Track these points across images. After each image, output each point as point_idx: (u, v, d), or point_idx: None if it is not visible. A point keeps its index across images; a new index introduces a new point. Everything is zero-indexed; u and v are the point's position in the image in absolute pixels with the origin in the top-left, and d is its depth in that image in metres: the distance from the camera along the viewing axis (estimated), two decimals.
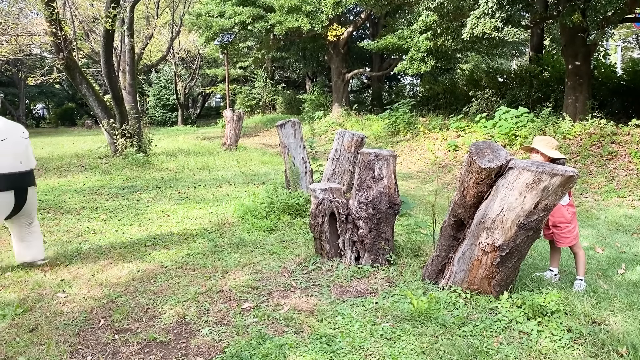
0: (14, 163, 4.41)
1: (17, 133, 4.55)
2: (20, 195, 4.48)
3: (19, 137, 4.54)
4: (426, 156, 13.00)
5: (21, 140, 4.55)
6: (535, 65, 16.62)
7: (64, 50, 11.59)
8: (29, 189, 4.59)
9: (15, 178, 4.41)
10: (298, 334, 3.33)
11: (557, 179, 3.19)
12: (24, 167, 4.50)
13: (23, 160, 4.51)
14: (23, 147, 4.55)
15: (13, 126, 4.58)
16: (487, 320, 3.39)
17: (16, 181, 4.43)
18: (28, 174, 4.56)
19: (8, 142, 4.38)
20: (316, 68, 28.82)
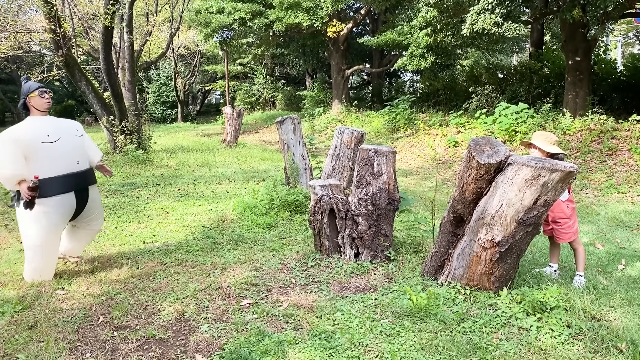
0: (71, 163, 4.22)
1: (71, 131, 4.36)
2: (80, 196, 4.31)
3: (73, 136, 4.35)
4: (426, 152, 12.99)
5: (76, 139, 4.36)
6: (536, 61, 16.58)
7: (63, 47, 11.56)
8: (90, 188, 4.43)
9: (73, 179, 4.22)
10: (297, 331, 3.32)
11: (556, 174, 3.18)
12: (81, 166, 4.31)
13: (80, 159, 4.32)
14: (78, 145, 4.37)
15: (66, 125, 4.40)
16: (486, 316, 3.39)
17: (75, 182, 4.24)
18: (86, 172, 4.39)
19: (62, 142, 4.19)
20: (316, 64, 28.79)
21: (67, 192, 4.18)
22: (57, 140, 4.16)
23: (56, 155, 4.13)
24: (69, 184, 4.19)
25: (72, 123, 4.50)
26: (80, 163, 4.31)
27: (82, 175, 4.31)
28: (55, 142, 4.14)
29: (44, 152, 4.07)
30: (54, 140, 4.14)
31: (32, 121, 4.19)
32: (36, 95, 4.20)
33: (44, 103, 4.23)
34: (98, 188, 4.65)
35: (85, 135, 4.60)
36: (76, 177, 4.25)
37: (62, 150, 4.17)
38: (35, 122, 4.19)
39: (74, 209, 4.28)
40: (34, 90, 4.20)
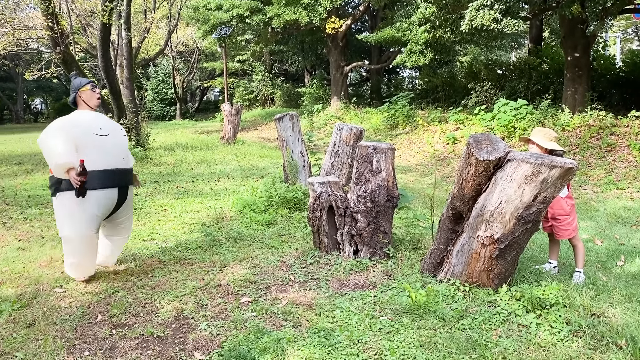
0: (118, 159, 4.17)
1: (118, 129, 4.34)
2: (122, 193, 4.23)
3: (120, 134, 4.32)
4: (425, 149, 12.98)
5: (122, 137, 4.33)
6: (534, 57, 16.57)
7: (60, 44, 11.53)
8: (130, 188, 4.38)
9: (118, 175, 4.16)
10: (296, 328, 3.31)
11: (556, 171, 3.17)
12: (126, 164, 4.26)
13: (125, 157, 4.27)
14: (124, 144, 4.34)
15: (113, 123, 4.39)
16: (485, 313, 3.38)
17: (119, 178, 4.18)
18: (129, 171, 4.33)
19: (112, 138, 4.15)
20: (315, 61, 28.76)
21: (111, 188, 4.10)
22: (109, 135, 4.13)
23: (106, 149, 4.08)
24: (114, 179, 4.12)
25: (116, 123, 4.47)
26: (125, 160, 4.25)
27: (125, 173, 4.25)
28: (107, 136, 4.11)
29: (95, 143, 4.01)
30: (106, 134, 4.10)
31: (83, 114, 4.15)
32: (88, 90, 4.16)
33: (95, 98, 4.20)
34: None
35: (127, 139, 4.56)
36: (121, 174, 4.19)
37: (111, 145, 4.13)
38: (86, 115, 4.15)
39: (113, 205, 4.20)
40: (85, 84, 4.16)
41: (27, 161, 12.03)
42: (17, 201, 7.45)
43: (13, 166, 11.03)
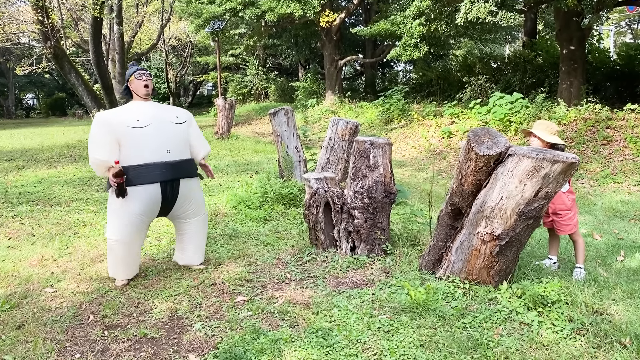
0: (160, 152, 3.87)
1: (167, 118, 4.01)
2: (166, 189, 3.93)
3: (168, 122, 3.99)
4: (420, 143, 12.91)
5: (171, 126, 3.99)
6: (529, 50, 16.53)
7: (51, 38, 11.40)
8: (183, 182, 4.02)
9: (160, 168, 3.87)
10: (293, 328, 3.24)
11: (558, 165, 3.10)
12: (173, 156, 3.92)
13: (172, 148, 3.94)
14: (174, 133, 3.99)
15: (165, 111, 4.08)
16: (486, 311, 3.31)
17: (162, 172, 3.88)
18: (180, 163, 3.98)
19: (152, 129, 3.87)
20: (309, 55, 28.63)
21: (150, 183, 3.85)
22: (147, 126, 3.86)
23: (143, 141, 3.84)
24: (153, 174, 3.85)
25: (173, 110, 4.17)
26: (172, 152, 3.93)
27: (172, 166, 3.92)
28: (144, 128, 3.85)
29: (131, 137, 3.81)
30: (143, 125, 3.85)
31: (128, 105, 4.00)
32: (133, 79, 3.97)
33: (142, 86, 3.96)
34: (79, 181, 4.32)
35: (193, 126, 4.25)
36: (164, 167, 3.88)
37: (150, 137, 3.86)
38: (131, 106, 3.97)
39: (159, 202, 3.93)
40: (132, 73, 3.98)
41: (19, 157, 11.87)
42: (7, 198, 7.33)
43: (4, 162, 10.88)
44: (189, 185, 4.10)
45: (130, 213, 3.86)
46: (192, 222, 4.25)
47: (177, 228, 4.33)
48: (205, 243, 4.44)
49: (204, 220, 4.35)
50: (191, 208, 4.18)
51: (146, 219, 3.98)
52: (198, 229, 4.30)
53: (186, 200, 4.10)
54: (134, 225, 3.90)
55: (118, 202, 3.87)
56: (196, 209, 4.22)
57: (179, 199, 4.04)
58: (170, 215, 4.17)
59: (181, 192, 4.03)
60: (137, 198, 3.85)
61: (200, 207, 4.28)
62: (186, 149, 4.11)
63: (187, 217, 4.21)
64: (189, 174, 4.08)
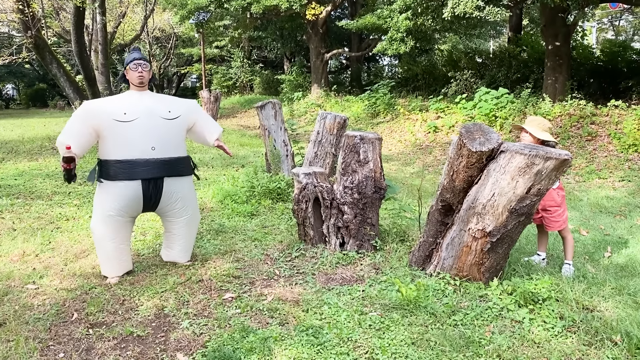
0: (143, 148, 3.72)
1: (158, 112, 3.81)
2: (148, 187, 3.79)
3: (158, 117, 3.80)
4: (406, 138, 12.91)
5: (160, 122, 3.80)
6: (514, 45, 16.60)
7: (32, 28, 11.15)
8: (168, 180, 3.87)
9: (142, 166, 3.72)
10: (283, 326, 3.19)
11: (550, 162, 3.08)
12: (157, 153, 3.77)
13: (158, 144, 3.77)
14: (162, 129, 3.81)
15: (158, 103, 3.88)
16: (477, 308, 3.29)
17: (143, 170, 3.73)
18: (166, 162, 3.82)
19: (138, 123, 3.70)
20: (294, 48, 28.43)
21: (131, 180, 3.73)
22: (133, 120, 3.71)
23: (127, 136, 3.70)
24: (134, 171, 3.72)
25: (168, 103, 3.96)
26: (157, 149, 3.77)
27: (156, 164, 3.77)
28: (130, 122, 3.70)
29: (114, 130, 3.68)
30: (130, 119, 3.70)
31: (122, 95, 3.88)
32: (129, 69, 3.84)
33: (135, 77, 3.82)
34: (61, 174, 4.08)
35: (197, 114, 4.10)
36: (146, 165, 3.74)
37: (135, 132, 3.71)
38: (124, 97, 3.86)
39: (140, 200, 3.81)
40: (128, 63, 3.83)
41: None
42: None
43: None
44: (176, 184, 3.97)
45: (111, 208, 3.78)
46: (179, 221, 4.12)
47: (164, 225, 4.25)
48: (193, 242, 4.35)
49: (193, 219, 4.22)
50: (178, 207, 4.05)
51: (128, 215, 3.89)
52: (186, 229, 4.18)
53: (172, 199, 3.98)
54: (115, 220, 3.82)
55: (101, 195, 3.81)
56: (184, 208, 4.09)
57: (164, 197, 3.92)
58: (157, 211, 4.08)
59: (166, 191, 3.91)
60: (118, 194, 3.77)
61: (189, 207, 4.14)
62: (176, 146, 3.95)
63: (173, 216, 4.10)
64: (176, 173, 3.94)
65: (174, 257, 4.27)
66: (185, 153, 4.08)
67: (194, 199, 4.22)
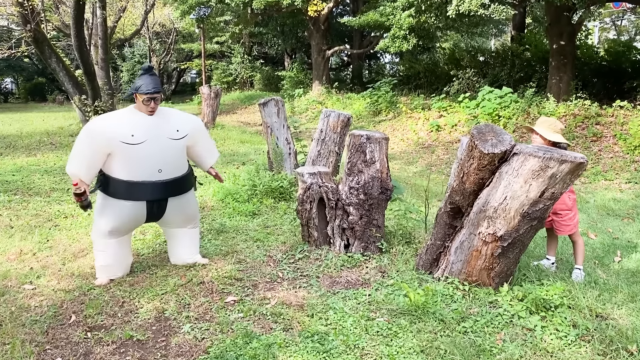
0: (150, 171, 3.63)
1: (166, 132, 3.68)
2: (152, 207, 3.75)
3: (166, 138, 3.67)
4: (409, 136, 12.80)
5: (167, 143, 3.68)
6: (518, 44, 16.47)
7: (31, 21, 11.01)
8: (172, 200, 3.82)
9: (148, 188, 3.66)
10: (287, 332, 3.09)
11: (565, 165, 2.98)
12: (164, 175, 3.69)
13: (165, 167, 3.68)
14: (168, 150, 3.69)
15: (165, 122, 3.72)
16: (487, 314, 3.20)
17: (149, 192, 3.68)
18: (171, 183, 3.75)
19: (146, 146, 3.59)
20: (295, 44, 28.25)
21: (136, 200, 3.68)
22: (141, 143, 3.57)
23: (135, 160, 3.60)
24: (141, 193, 3.66)
25: (176, 121, 3.79)
26: (164, 171, 3.69)
27: (162, 185, 3.71)
28: (138, 145, 3.57)
29: (122, 153, 3.57)
30: (138, 142, 3.57)
31: (128, 114, 3.69)
32: (140, 101, 3.63)
33: (146, 110, 3.65)
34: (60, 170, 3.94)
35: (200, 135, 4.00)
36: (153, 187, 3.67)
37: (143, 155, 3.60)
38: (130, 115, 3.67)
39: (143, 218, 3.80)
40: (142, 92, 3.59)
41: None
42: None
43: None
44: (180, 202, 3.93)
45: (113, 224, 3.75)
46: (179, 230, 4.09)
47: (165, 232, 4.20)
48: (199, 242, 4.29)
49: (194, 229, 4.18)
50: (180, 220, 4.02)
51: (128, 230, 3.90)
52: (188, 236, 4.14)
53: (174, 214, 3.94)
54: (117, 233, 3.79)
55: (104, 209, 3.75)
56: (186, 220, 4.06)
57: (167, 213, 3.89)
58: (159, 223, 4.04)
59: (170, 209, 3.87)
60: (121, 212, 3.73)
61: (192, 218, 4.10)
62: (181, 165, 3.88)
63: (176, 227, 4.07)
64: (179, 192, 3.88)
65: (182, 260, 4.18)
66: (187, 169, 4.00)
67: (196, 209, 4.19)
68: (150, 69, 3.79)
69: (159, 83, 3.75)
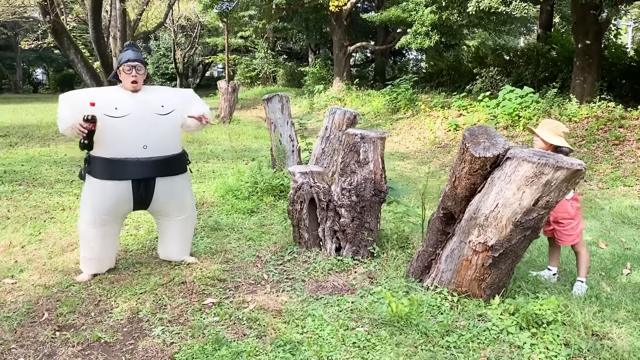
0: (134, 147, 3.48)
1: (152, 107, 3.56)
2: (139, 187, 3.57)
3: (151, 114, 3.55)
4: (425, 135, 12.53)
5: (153, 118, 3.55)
6: (543, 43, 16.00)
7: (50, 13, 11.07)
8: (161, 180, 3.65)
9: (132, 166, 3.50)
10: (260, 339, 2.95)
11: (561, 172, 2.76)
12: (150, 152, 3.53)
13: (151, 143, 3.53)
14: (154, 126, 3.55)
15: (152, 97, 3.62)
16: (474, 328, 3.00)
17: (134, 170, 3.51)
18: (158, 161, 3.58)
19: (130, 120, 3.44)
20: (319, 40, 28.08)
21: (120, 180, 3.51)
22: (124, 117, 3.44)
23: (118, 134, 3.45)
24: (124, 171, 3.50)
25: (162, 97, 3.67)
26: (149, 148, 3.53)
27: (147, 164, 3.54)
28: (121, 118, 3.43)
29: (104, 126, 3.41)
30: (120, 115, 3.44)
31: (112, 89, 3.59)
32: (122, 72, 3.53)
33: (129, 82, 3.53)
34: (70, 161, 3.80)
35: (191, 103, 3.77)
36: (137, 165, 3.51)
37: (126, 130, 3.46)
38: (115, 89, 3.58)
39: (130, 200, 3.60)
40: (122, 63, 3.52)
41: (14, 134, 11.63)
42: None
43: None
44: (170, 184, 3.73)
45: (98, 209, 3.59)
46: (173, 221, 3.92)
47: (157, 224, 4.05)
48: (190, 240, 4.16)
49: (190, 219, 4.02)
50: (172, 206, 3.83)
51: (117, 216, 3.69)
52: (181, 228, 3.97)
53: (165, 199, 3.75)
54: (102, 220, 3.62)
55: (89, 193, 3.62)
56: (179, 207, 3.87)
57: (156, 197, 3.70)
58: (149, 210, 3.86)
59: (158, 191, 3.68)
60: (106, 194, 3.56)
61: (185, 206, 3.92)
62: (170, 143, 3.70)
63: (167, 216, 3.89)
64: (169, 172, 3.70)
65: (170, 256, 4.07)
66: (180, 149, 3.84)
67: (190, 198, 4.01)
68: (132, 45, 3.73)
69: (140, 55, 3.65)
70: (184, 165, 3.89)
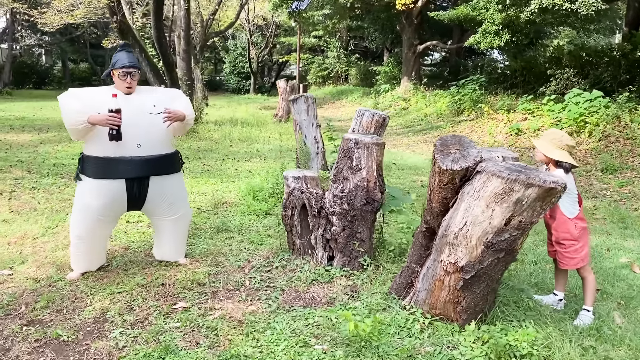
0: (128, 145, 3.51)
1: (144, 107, 3.58)
2: (132, 186, 3.60)
3: (144, 113, 3.57)
4: (485, 140, 11.95)
5: (146, 118, 3.57)
6: (627, 43, 14.79)
7: (117, 13, 11.58)
8: (154, 179, 3.68)
9: (126, 164, 3.53)
10: (212, 349, 2.85)
11: (532, 190, 2.46)
12: (143, 151, 3.56)
13: (144, 141, 3.56)
14: (147, 125, 3.58)
15: (144, 97, 3.65)
16: (438, 356, 2.75)
17: (128, 168, 3.54)
18: (152, 160, 3.61)
19: (123, 119, 3.43)
20: (394, 39, 27.63)
21: (114, 179, 3.54)
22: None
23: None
24: (118, 170, 3.52)
25: (154, 97, 3.70)
26: (143, 147, 3.56)
27: (141, 162, 3.56)
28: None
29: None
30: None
31: (106, 89, 3.61)
32: (116, 77, 3.56)
33: (124, 87, 3.56)
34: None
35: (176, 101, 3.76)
36: (131, 164, 3.53)
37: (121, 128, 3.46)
38: (109, 89, 3.58)
39: (124, 200, 3.63)
40: (117, 67, 3.54)
41: None
42: (40, 168, 7.48)
43: (62, 132, 11.26)
44: (164, 183, 3.75)
45: (92, 209, 3.62)
46: (167, 220, 3.92)
47: (152, 224, 4.07)
48: (185, 241, 4.15)
49: (183, 219, 4.00)
50: (165, 206, 3.83)
51: (109, 216, 3.72)
52: (175, 228, 3.97)
53: (159, 199, 3.77)
54: (95, 222, 3.66)
55: (83, 192, 3.66)
56: (172, 207, 3.87)
57: (150, 197, 3.71)
58: (143, 210, 3.87)
59: (152, 191, 3.70)
60: (99, 193, 3.59)
61: (179, 205, 3.92)
62: (163, 142, 3.72)
63: (161, 215, 3.89)
64: (163, 171, 3.72)
65: (164, 256, 4.09)
66: (172, 149, 3.85)
67: (184, 197, 4.00)
68: (126, 45, 3.73)
69: (134, 59, 3.66)
70: (177, 164, 3.88)
